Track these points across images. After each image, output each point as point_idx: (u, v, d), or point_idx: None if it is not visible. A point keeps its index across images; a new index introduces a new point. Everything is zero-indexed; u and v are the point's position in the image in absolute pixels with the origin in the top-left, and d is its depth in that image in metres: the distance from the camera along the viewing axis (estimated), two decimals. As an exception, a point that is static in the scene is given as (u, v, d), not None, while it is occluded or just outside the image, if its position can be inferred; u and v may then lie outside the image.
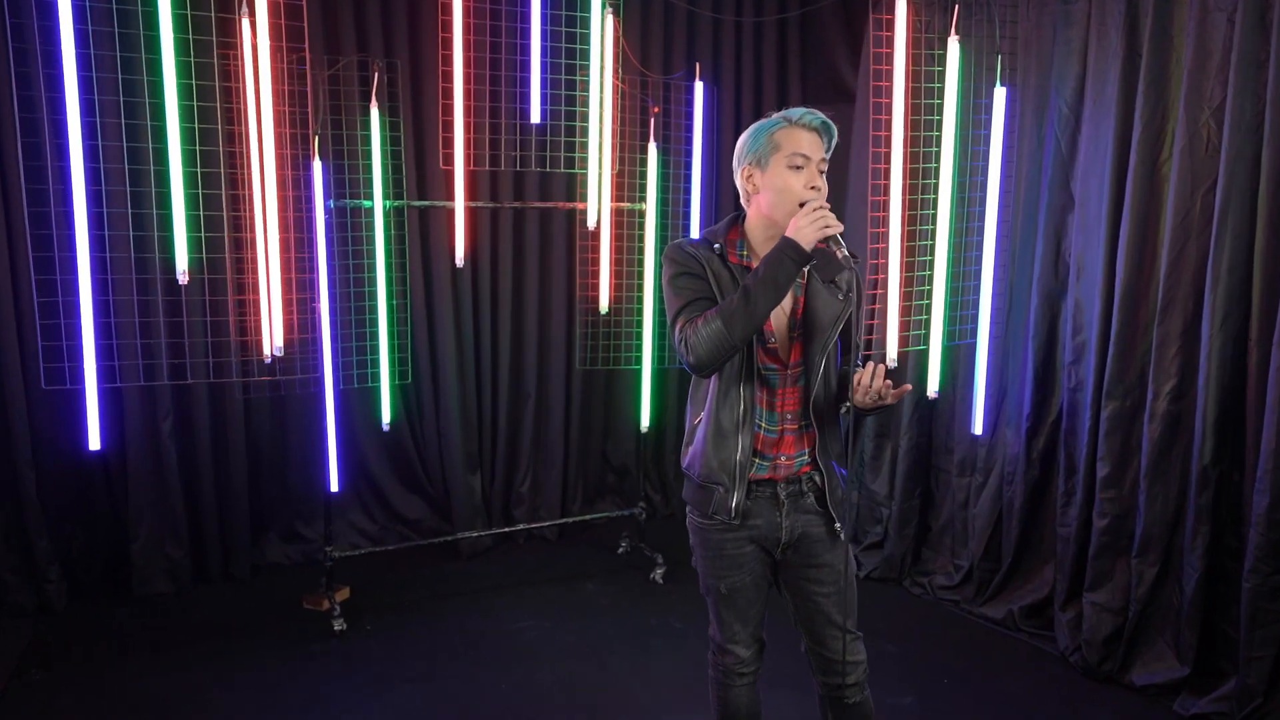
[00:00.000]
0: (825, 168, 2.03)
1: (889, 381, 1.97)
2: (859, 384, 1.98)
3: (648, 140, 4.02)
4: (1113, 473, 3.23)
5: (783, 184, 2.01)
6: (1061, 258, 3.48)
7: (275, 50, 2.96)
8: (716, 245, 2.08)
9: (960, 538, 3.91)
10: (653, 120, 4.02)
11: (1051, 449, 3.54)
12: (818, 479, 2.14)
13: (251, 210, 3.13)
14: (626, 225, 4.10)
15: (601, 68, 3.48)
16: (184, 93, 2.89)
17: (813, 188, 1.99)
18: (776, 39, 4.62)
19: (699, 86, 4.01)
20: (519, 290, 4.40)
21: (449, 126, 3.33)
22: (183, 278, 2.72)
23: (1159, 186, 3.11)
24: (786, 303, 2.10)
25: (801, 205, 1.97)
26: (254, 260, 3.16)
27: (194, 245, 2.93)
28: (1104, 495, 3.25)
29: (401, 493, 4.35)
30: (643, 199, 4.06)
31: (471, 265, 4.26)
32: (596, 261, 3.97)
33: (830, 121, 2.03)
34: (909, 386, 2.06)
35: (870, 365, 1.98)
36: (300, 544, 4.16)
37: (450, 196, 3.90)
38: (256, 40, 2.88)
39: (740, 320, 1.92)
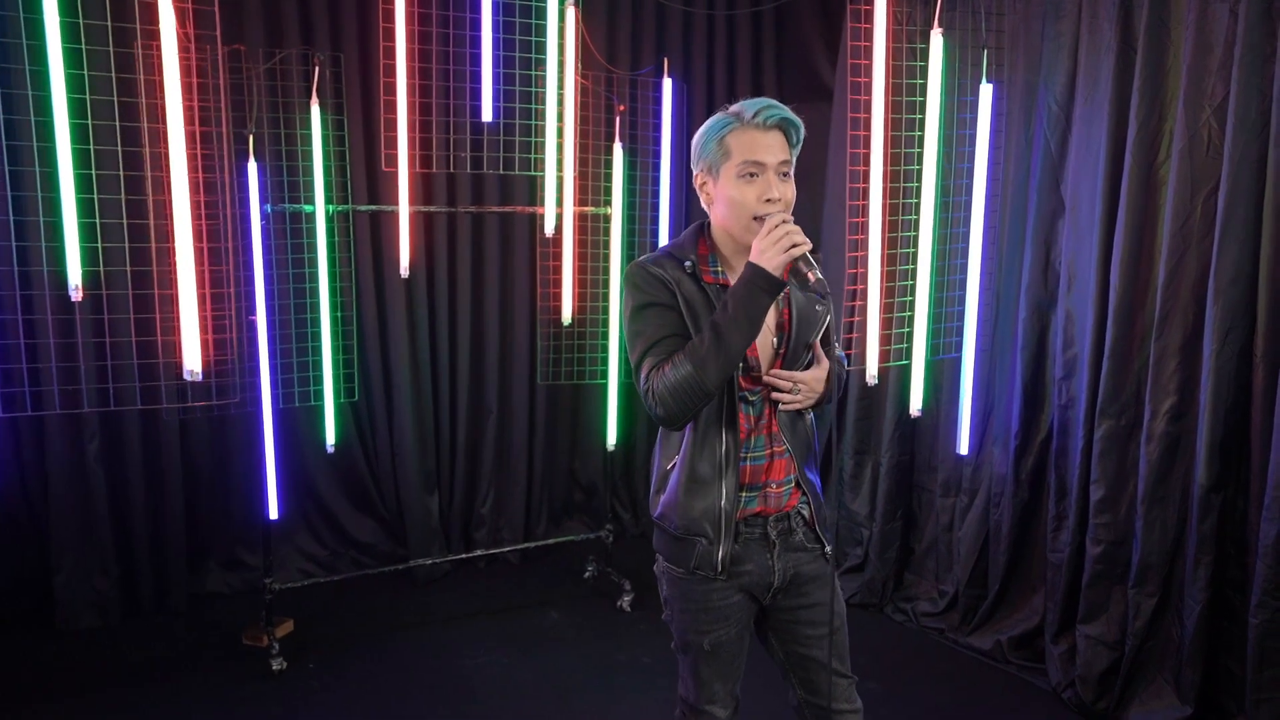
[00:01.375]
0: (789, 170, 1.79)
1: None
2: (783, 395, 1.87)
3: (613, 140, 3.78)
4: (1107, 496, 3.02)
5: (735, 196, 1.77)
6: (1051, 266, 3.27)
7: (185, 39, 2.69)
8: (688, 263, 1.83)
9: (945, 562, 3.70)
10: (618, 119, 3.78)
11: (1041, 470, 3.33)
12: (805, 511, 1.94)
13: (171, 217, 2.87)
14: (590, 231, 3.86)
15: (560, 62, 3.24)
16: (76, 85, 2.61)
17: (769, 200, 1.75)
18: (750, 33, 4.40)
19: (667, 83, 3.77)
20: (479, 300, 4.16)
21: (391, 125, 3.07)
22: (75, 294, 2.45)
23: (1156, 190, 2.91)
24: (771, 317, 1.88)
25: (758, 219, 1.74)
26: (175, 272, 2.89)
27: (88, 257, 2.66)
28: (1098, 520, 3.04)
29: (353, 515, 4.10)
30: (608, 203, 3.82)
31: (428, 274, 4.01)
32: (558, 270, 3.72)
33: (793, 117, 1.78)
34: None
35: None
36: (243, 572, 3.89)
37: (410, 199, 3.65)
38: (159, 26, 2.61)
39: (714, 364, 1.70)
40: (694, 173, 1.86)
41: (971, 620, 3.51)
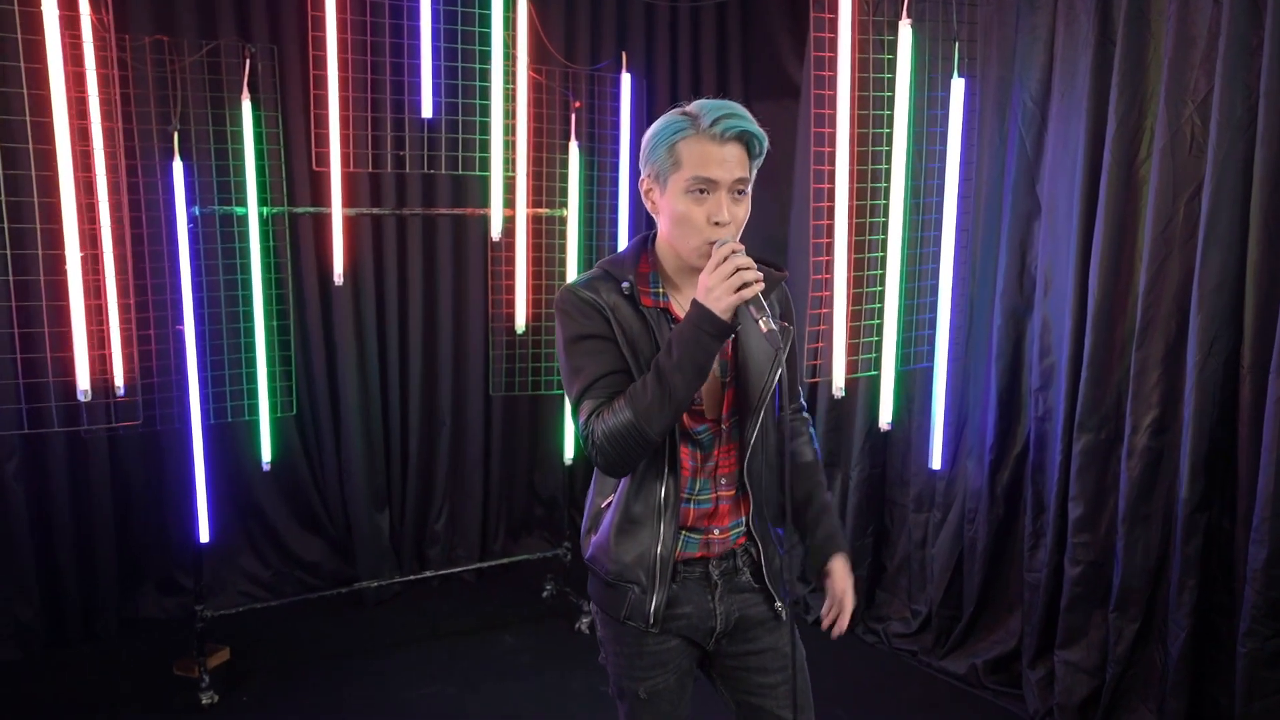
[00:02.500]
0: (746, 189, 1.57)
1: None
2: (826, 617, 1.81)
3: (568, 139, 3.60)
4: (1086, 514, 2.86)
5: (682, 212, 1.57)
6: (1027, 271, 3.11)
7: (101, 27, 2.49)
8: (625, 284, 1.62)
9: (918, 580, 3.53)
10: (574, 116, 3.59)
11: (1017, 485, 3.17)
12: (753, 551, 1.75)
13: (95, 220, 2.66)
14: (545, 234, 3.66)
15: (506, 55, 3.04)
16: None
17: (717, 222, 1.54)
18: (715, 27, 4.22)
19: (626, 78, 3.59)
20: (431, 306, 3.96)
21: (322, 121, 2.87)
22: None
23: (1136, 191, 2.75)
24: None
25: (711, 244, 1.54)
26: (95, 280, 2.68)
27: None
28: (1077, 540, 2.88)
29: (299, 534, 3.88)
30: (563, 204, 3.63)
31: (376, 279, 3.81)
32: (511, 275, 3.53)
33: (755, 130, 1.55)
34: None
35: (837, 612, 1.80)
36: (180, 595, 3.67)
37: (349, 201, 3.45)
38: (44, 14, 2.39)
39: (657, 413, 1.51)
40: (641, 176, 1.66)
41: (945, 642, 3.35)
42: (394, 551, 3.99)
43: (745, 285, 1.47)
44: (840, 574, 1.81)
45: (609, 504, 1.71)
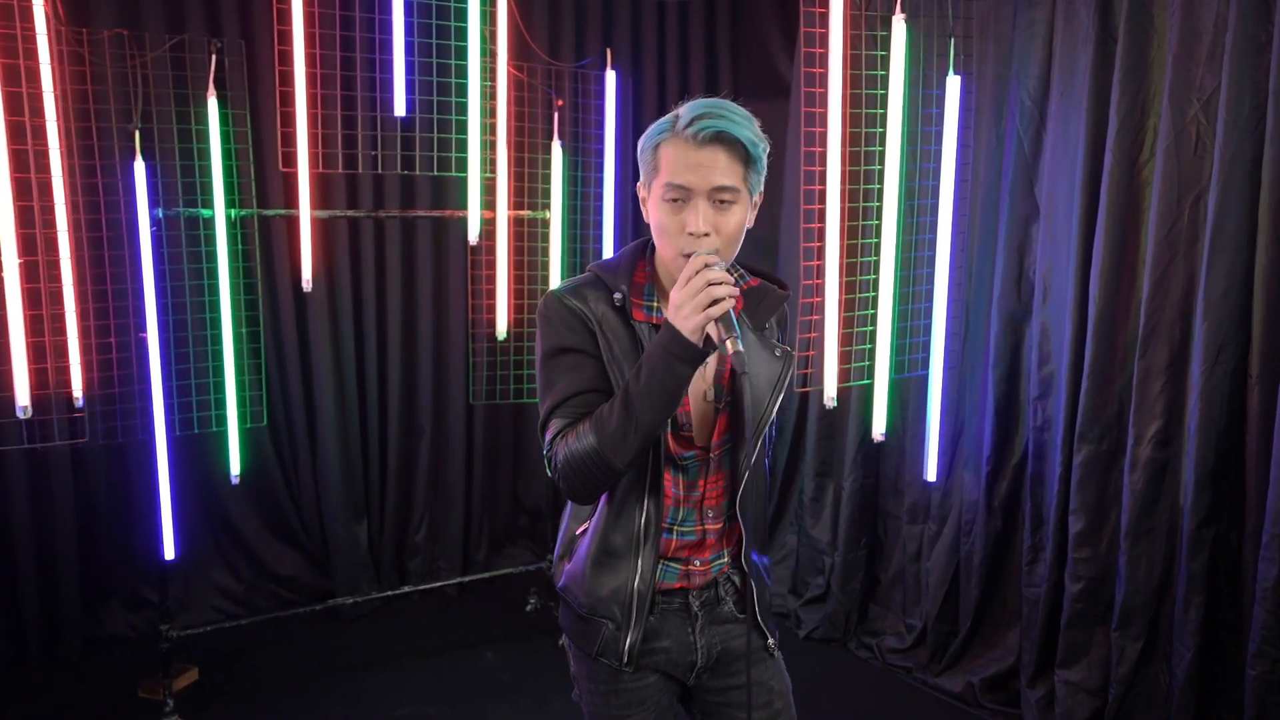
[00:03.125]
0: (733, 199, 1.42)
1: None
2: None
3: (551, 138, 3.48)
4: (1087, 529, 2.76)
5: (661, 222, 1.45)
6: (1025, 276, 3.01)
7: (56, 20, 2.36)
8: (618, 295, 1.50)
9: (912, 594, 3.42)
10: (556, 115, 3.47)
11: (1015, 497, 3.07)
12: (736, 579, 1.63)
13: (43, 225, 2.53)
14: (528, 236, 3.55)
15: (484, 50, 2.92)
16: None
17: (690, 233, 1.41)
18: (704, 23, 4.11)
19: (610, 76, 3.47)
20: (411, 311, 3.83)
21: (288, 120, 2.74)
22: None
23: (1139, 193, 2.65)
24: (710, 363, 1.55)
25: (687, 256, 1.41)
26: (53, 286, 2.56)
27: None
28: (1078, 555, 2.77)
29: (274, 547, 3.76)
30: (546, 206, 3.51)
31: (353, 284, 3.69)
32: (492, 280, 3.41)
33: (738, 132, 1.39)
34: None
35: None
36: (149, 611, 3.53)
37: (323, 202, 3.33)
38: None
39: (622, 442, 1.39)
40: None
41: (941, 659, 3.24)
42: (373, 564, 3.87)
43: (716, 302, 1.34)
44: None
45: (584, 531, 1.60)
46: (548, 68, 3.60)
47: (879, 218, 2.85)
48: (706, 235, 1.41)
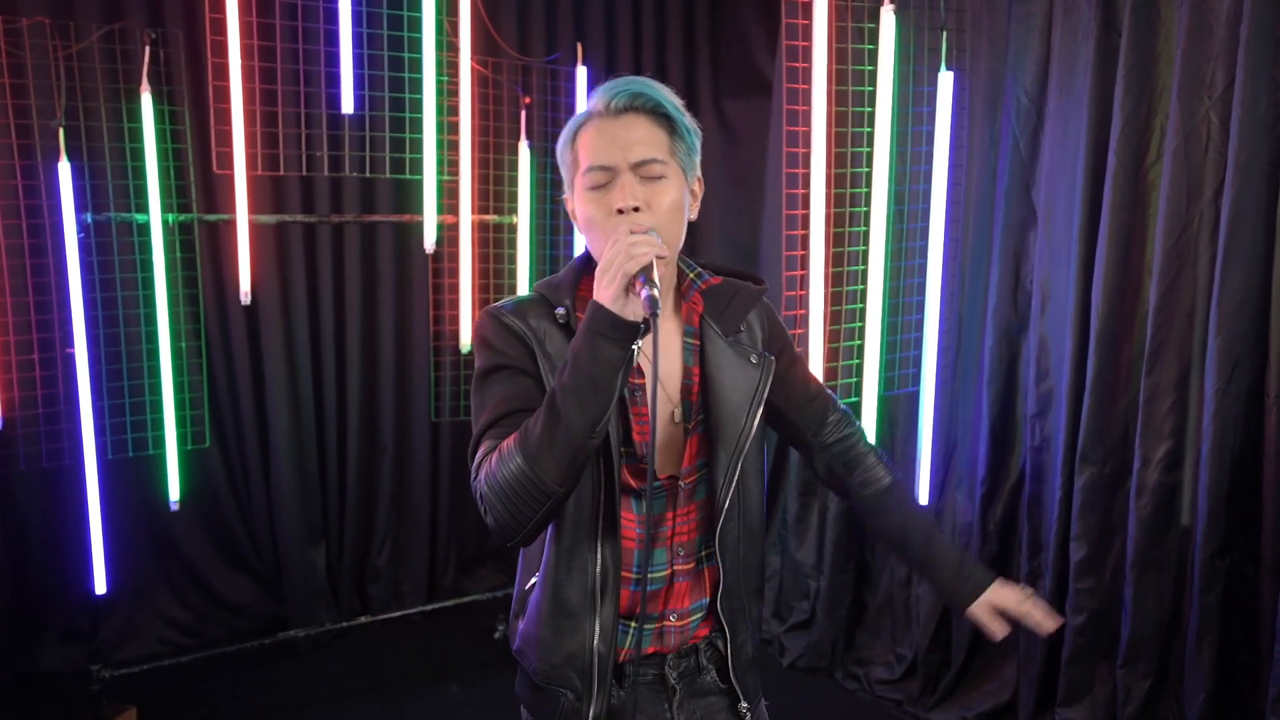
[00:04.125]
0: (662, 173, 1.28)
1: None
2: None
3: (518, 138, 3.27)
4: (1090, 556, 2.58)
5: (587, 217, 1.30)
6: (1022, 285, 2.82)
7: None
8: (561, 309, 1.32)
9: (902, 621, 3.23)
10: (524, 113, 3.26)
11: (1011, 520, 2.88)
12: (720, 644, 1.43)
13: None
14: (494, 243, 3.34)
15: (441, 44, 2.71)
16: None
17: (619, 210, 1.26)
18: (682, 18, 3.90)
19: (582, 72, 3.27)
20: (371, 323, 3.61)
21: (223, 116, 2.52)
22: None
23: (1145, 197, 2.47)
24: (674, 377, 1.37)
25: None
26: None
27: None
28: (1079, 585, 2.59)
29: (224, 573, 3.53)
30: (513, 210, 3.30)
31: (309, 294, 3.46)
32: (456, 289, 3.20)
33: (654, 93, 1.29)
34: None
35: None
36: (87, 645, 3.28)
37: (275, 206, 3.12)
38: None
39: (549, 453, 1.18)
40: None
41: (933, 691, 3.05)
42: (330, 590, 3.64)
43: (631, 260, 1.17)
44: (1011, 595, 1.44)
45: (533, 586, 1.40)
46: (515, 63, 3.39)
47: (866, 223, 2.67)
48: (637, 210, 1.25)
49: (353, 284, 3.54)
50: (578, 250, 3.30)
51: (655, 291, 1.15)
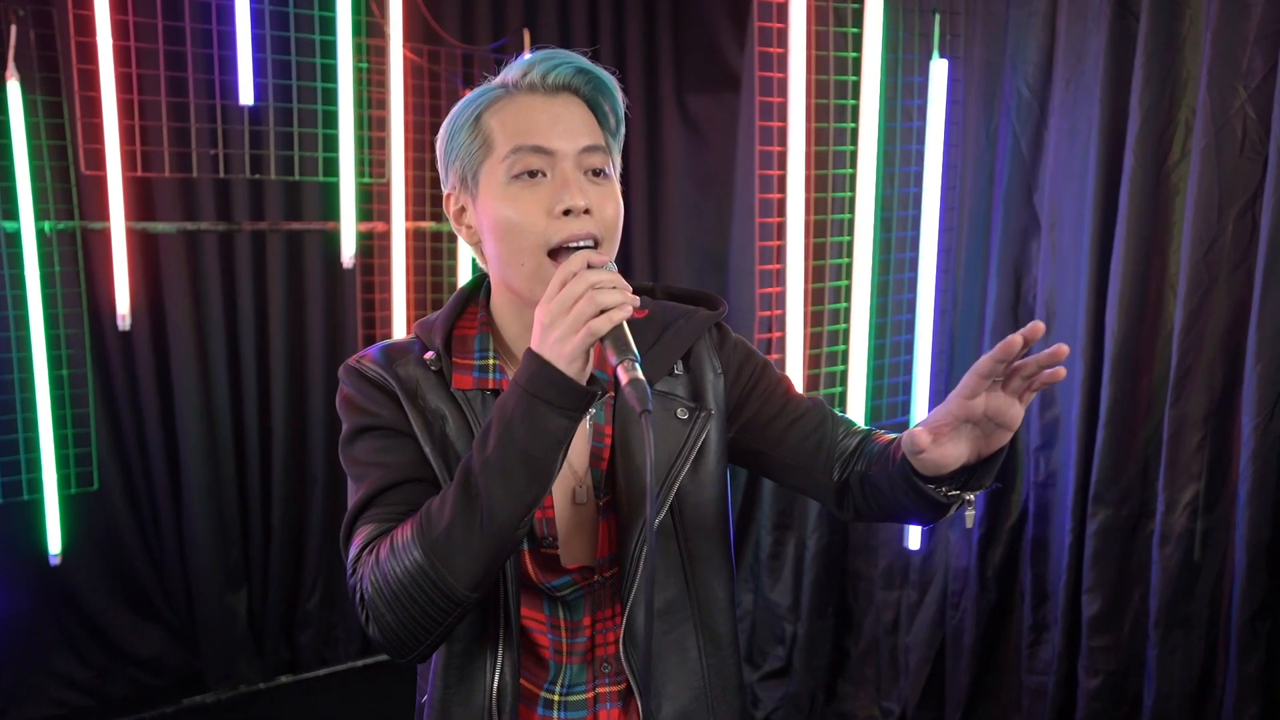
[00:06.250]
0: (606, 169, 1.01)
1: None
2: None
3: (458, 135, 2.91)
4: (1106, 611, 2.27)
5: (505, 217, 0.98)
6: (1023, 301, 2.52)
7: None
8: (429, 356, 1.04)
9: (888, 671, 2.92)
10: (464, 108, 2.91)
11: (1012, 564, 2.58)
12: None
13: None
14: (430, 253, 2.98)
15: (358, 29, 2.35)
16: None
17: (566, 211, 0.97)
18: (642, 3, 3.58)
19: (529, 62, 2.92)
20: (298, 341, 3.25)
21: (93, 108, 2.14)
22: None
23: (1168, 203, 2.18)
24: (581, 440, 1.06)
25: (554, 257, 0.96)
26: None
27: None
28: (1094, 643, 2.28)
29: (130, 624, 3.15)
30: (452, 216, 2.95)
31: (226, 311, 3.11)
32: (388, 304, 2.85)
33: (598, 72, 1.02)
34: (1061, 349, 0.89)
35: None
36: (-31, 710, 2.91)
37: (183, 213, 2.75)
38: None
39: (462, 550, 0.90)
40: (444, 194, 1.07)
41: (925, 753, 2.74)
42: (253, 640, 3.27)
43: (605, 312, 0.87)
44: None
45: (425, 700, 1.08)
46: (454, 51, 3.03)
47: (850, 232, 2.37)
48: (587, 213, 0.97)
49: (276, 300, 3.18)
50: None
51: (639, 374, 0.86)
